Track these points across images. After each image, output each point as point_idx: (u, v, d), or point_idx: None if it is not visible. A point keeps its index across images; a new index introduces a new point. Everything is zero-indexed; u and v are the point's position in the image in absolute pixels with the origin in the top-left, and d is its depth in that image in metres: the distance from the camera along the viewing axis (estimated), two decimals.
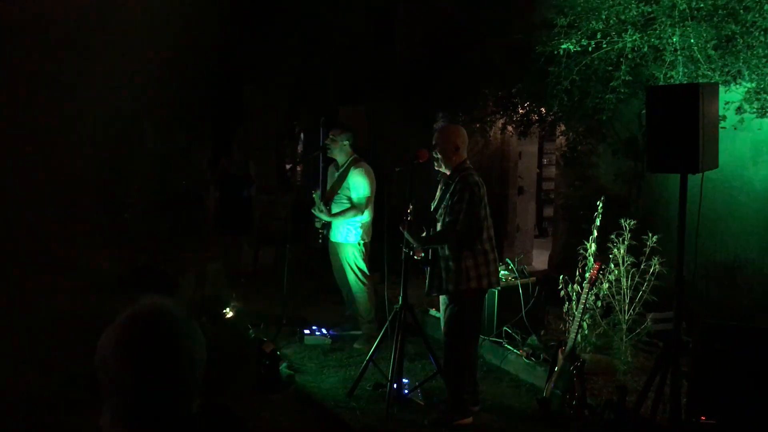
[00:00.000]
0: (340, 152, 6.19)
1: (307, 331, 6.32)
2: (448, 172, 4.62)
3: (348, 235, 6.14)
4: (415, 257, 4.69)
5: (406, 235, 4.60)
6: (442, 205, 4.57)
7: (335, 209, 6.13)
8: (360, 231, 6.12)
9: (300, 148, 13.87)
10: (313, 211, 6.17)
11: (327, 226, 6.22)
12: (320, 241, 6.33)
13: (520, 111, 8.06)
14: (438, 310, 5.34)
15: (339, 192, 6.13)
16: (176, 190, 11.20)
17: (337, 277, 6.45)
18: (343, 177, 6.12)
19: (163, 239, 9.35)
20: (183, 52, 7.45)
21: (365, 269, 6.19)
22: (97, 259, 9.13)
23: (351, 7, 10.01)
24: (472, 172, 4.59)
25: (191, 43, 7.41)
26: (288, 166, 13.66)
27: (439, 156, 4.60)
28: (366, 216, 6.09)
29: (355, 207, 6.03)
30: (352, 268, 6.18)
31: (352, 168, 6.10)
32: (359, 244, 6.13)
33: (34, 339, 5.68)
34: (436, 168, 4.68)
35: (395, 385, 4.76)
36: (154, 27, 7.37)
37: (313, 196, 6.19)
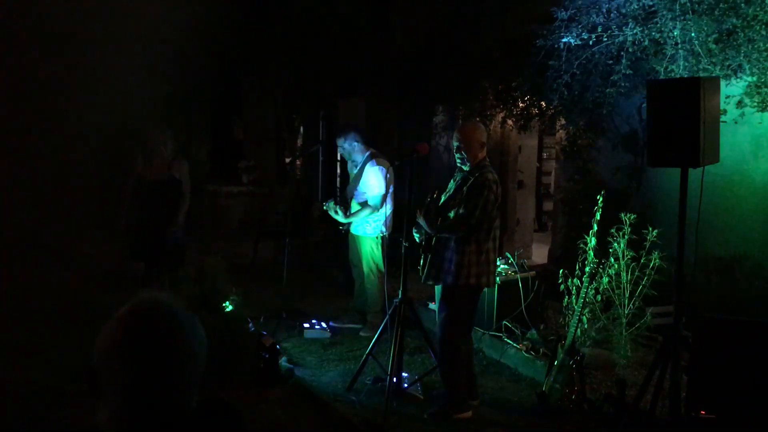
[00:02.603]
0: (354, 152, 6.24)
1: (306, 325, 6.32)
2: (468, 169, 4.61)
3: (367, 227, 6.18)
4: (416, 233, 4.67)
5: (420, 220, 4.59)
6: (456, 197, 4.56)
7: (355, 207, 6.18)
8: (379, 224, 6.16)
9: (299, 141, 13.85)
10: (329, 213, 6.19)
11: None
12: (342, 232, 6.41)
13: (520, 105, 8.05)
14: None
15: (358, 189, 6.19)
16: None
17: (354, 269, 6.46)
18: (361, 174, 6.18)
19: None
20: (181, 46, 7.42)
21: (380, 263, 6.22)
22: (97, 253, 9.11)
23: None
24: (491, 169, 4.59)
25: (189, 36, 7.38)
26: (287, 160, 13.62)
27: (465, 155, 4.57)
28: (387, 209, 6.10)
29: (369, 206, 6.09)
30: (367, 261, 6.22)
31: (368, 165, 6.12)
32: (378, 237, 6.16)
33: (32, 333, 5.68)
34: (460, 165, 4.64)
35: (394, 379, 4.75)
36: (151, 20, 7.34)
37: (324, 208, 6.24)
